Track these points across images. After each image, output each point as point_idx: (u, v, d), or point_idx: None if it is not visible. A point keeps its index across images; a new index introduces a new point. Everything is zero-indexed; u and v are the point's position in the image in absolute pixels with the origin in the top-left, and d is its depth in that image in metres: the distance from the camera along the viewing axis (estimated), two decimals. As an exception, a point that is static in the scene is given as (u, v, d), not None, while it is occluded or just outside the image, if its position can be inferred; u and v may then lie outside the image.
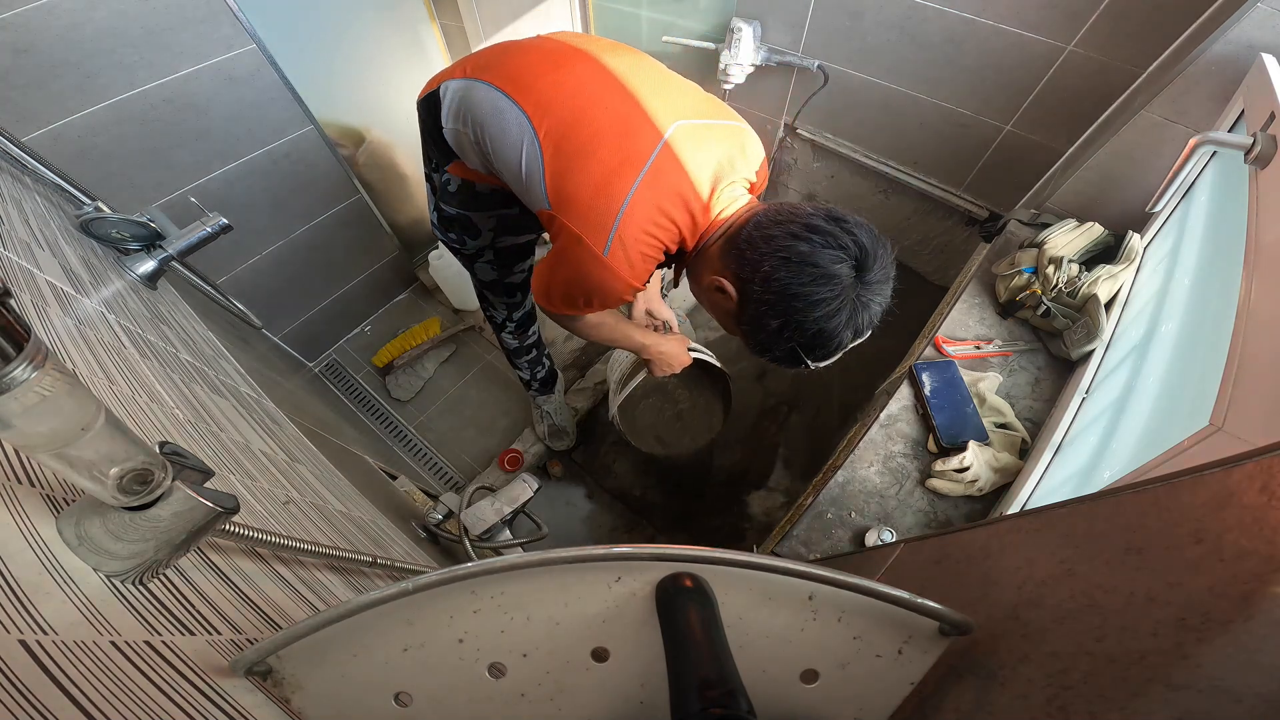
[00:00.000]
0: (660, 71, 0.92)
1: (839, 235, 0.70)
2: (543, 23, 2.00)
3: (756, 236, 0.74)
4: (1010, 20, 1.32)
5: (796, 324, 0.73)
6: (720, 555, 0.39)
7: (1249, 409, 0.54)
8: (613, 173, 0.78)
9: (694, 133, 0.83)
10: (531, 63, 0.89)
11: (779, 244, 0.72)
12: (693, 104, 0.88)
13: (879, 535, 0.94)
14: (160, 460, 0.34)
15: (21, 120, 0.99)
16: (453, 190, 1.08)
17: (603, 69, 0.86)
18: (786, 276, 0.71)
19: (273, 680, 0.38)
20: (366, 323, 2.13)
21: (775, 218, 0.74)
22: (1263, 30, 0.88)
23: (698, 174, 0.81)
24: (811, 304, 0.71)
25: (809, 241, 0.70)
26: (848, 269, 0.71)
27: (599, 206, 0.78)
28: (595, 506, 1.78)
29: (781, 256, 0.71)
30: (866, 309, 0.73)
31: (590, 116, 0.81)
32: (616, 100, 0.83)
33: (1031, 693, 0.33)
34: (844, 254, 0.70)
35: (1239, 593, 0.26)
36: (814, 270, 0.70)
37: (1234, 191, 0.83)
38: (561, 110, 0.82)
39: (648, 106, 0.82)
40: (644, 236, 0.80)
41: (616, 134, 0.80)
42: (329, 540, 0.70)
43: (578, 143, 0.80)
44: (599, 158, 0.79)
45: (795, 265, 0.70)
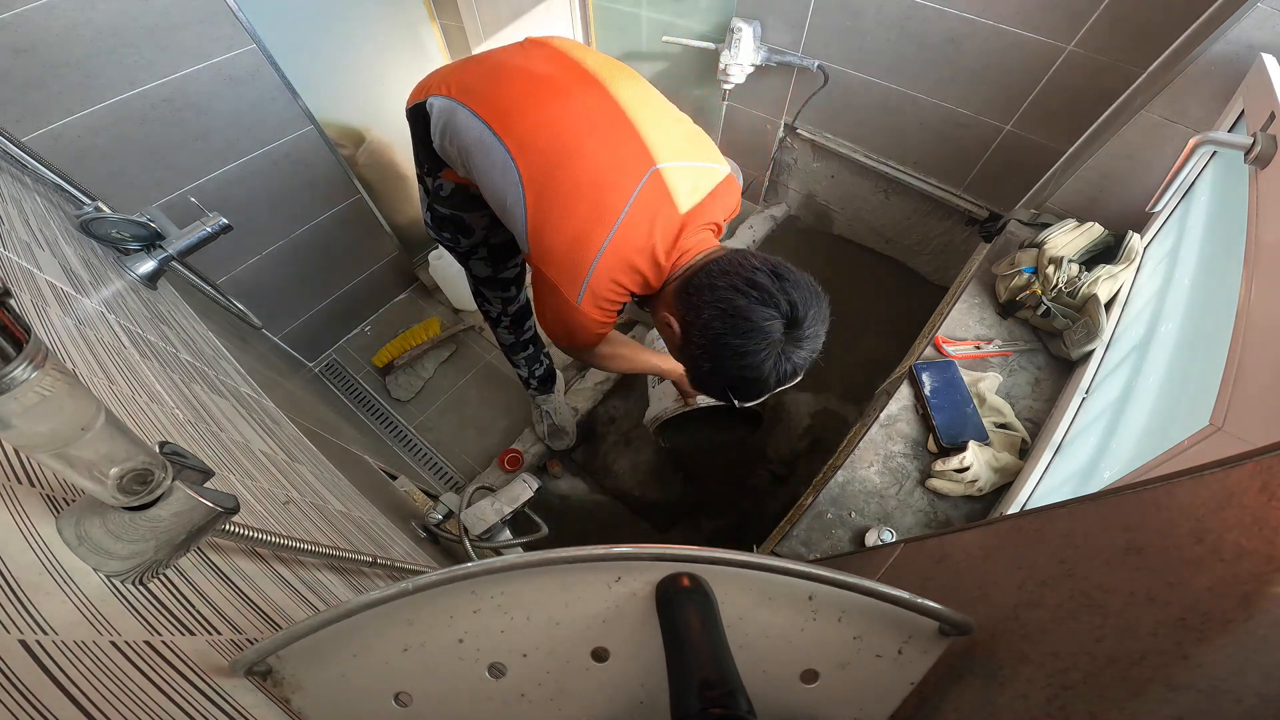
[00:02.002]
0: (644, 104, 0.93)
1: (774, 293, 0.76)
2: (543, 23, 2.00)
3: (704, 284, 0.79)
4: (1010, 20, 1.32)
5: (724, 370, 0.79)
6: (720, 555, 0.39)
7: (1249, 409, 0.54)
8: (587, 229, 0.83)
9: (670, 178, 0.86)
10: (515, 94, 0.90)
11: (720, 295, 0.77)
12: (674, 144, 0.90)
13: (879, 535, 0.94)
14: (160, 460, 0.34)
15: (21, 120, 0.99)
16: (446, 194, 1.09)
17: (585, 107, 0.88)
18: (721, 327, 0.77)
19: (273, 680, 0.38)
20: (366, 323, 2.13)
21: (724, 267, 0.80)
22: (1263, 30, 0.88)
23: (667, 224, 0.85)
24: (739, 354, 0.77)
25: (746, 296, 0.76)
26: (778, 325, 0.76)
27: (573, 260, 0.84)
28: (595, 506, 1.78)
29: (719, 308, 0.77)
30: (790, 361, 0.79)
31: (570, 166, 0.84)
32: (596, 144, 0.85)
33: (1031, 693, 0.33)
34: (776, 311, 0.76)
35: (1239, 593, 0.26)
36: (745, 324, 0.76)
37: (1234, 191, 0.83)
38: (543, 155, 0.86)
39: (627, 151, 0.86)
40: (613, 286, 0.86)
41: (593, 186, 0.84)
42: (329, 540, 0.70)
43: (557, 194, 0.84)
44: (575, 213, 0.84)
45: (729, 318, 0.76)
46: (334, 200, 1.67)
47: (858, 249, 2.21)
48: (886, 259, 2.16)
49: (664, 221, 0.85)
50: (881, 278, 2.13)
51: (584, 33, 2.16)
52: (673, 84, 2.15)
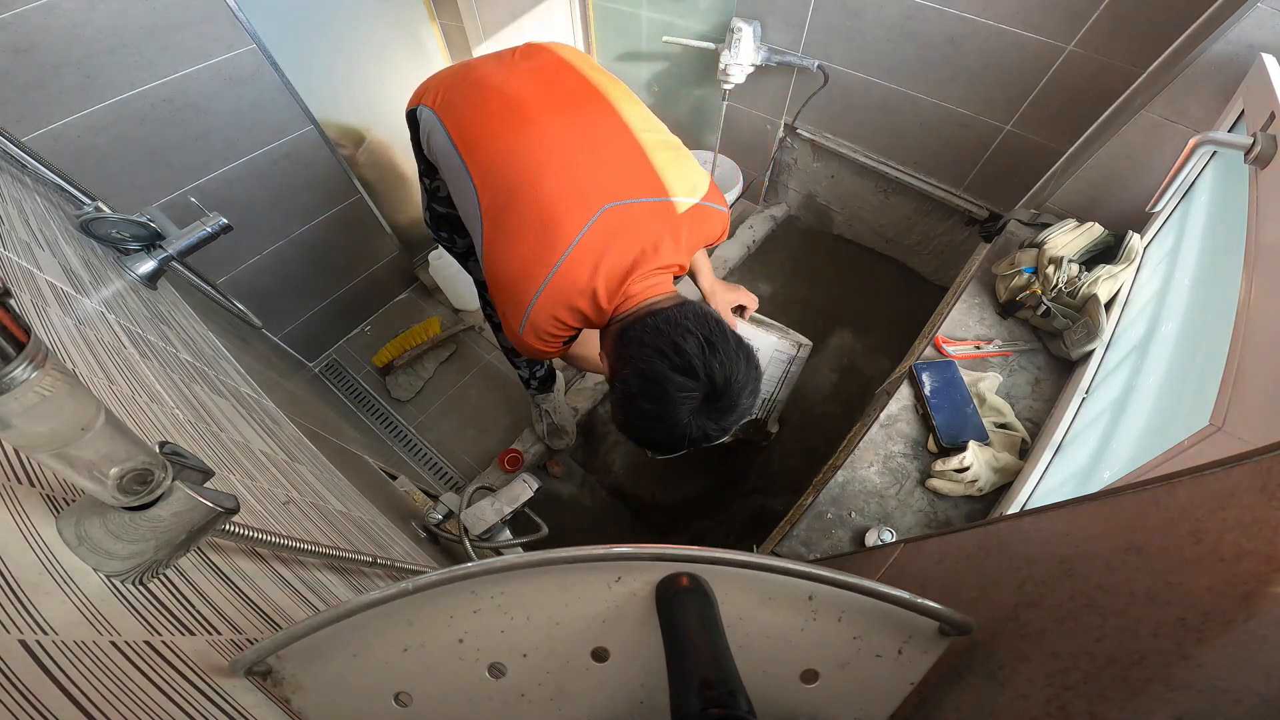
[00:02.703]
0: (615, 133, 0.91)
1: (696, 365, 0.75)
2: (542, 23, 2.00)
3: (633, 339, 0.80)
4: (1010, 20, 1.32)
5: (635, 425, 0.81)
6: (720, 555, 0.39)
7: (1249, 409, 0.54)
8: (530, 265, 0.84)
9: (620, 217, 0.84)
10: (484, 119, 0.91)
11: (643, 354, 0.77)
12: (638, 178, 0.88)
13: (879, 535, 0.94)
14: (160, 460, 0.34)
15: (21, 120, 0.99)
16: (442, 195, 1.11)
17: (548, 138, 0.87)
18: (636, 387, 0.77)
19: (273, 680, 0.38)
20: (366, 323, 2.13)
21: (657, 326, 0.79)
22: (1263, 30, 0.88)
23: (613, 267, 0.84)
24: (649, 416, 0.77)
25: (668, 361, 0.76)
26: (694, 396, 0.76)
27: (516, 293, 0.85)
28: (595, 506, 1.78)
29: (640, 367, 0.77)
30: (704, 431, 0.78)
31: (523, 200, 0.85)
32: (551, 179, 0.85)
33: (1031, 693, 0.33)
34: (695, 384, 0.75)
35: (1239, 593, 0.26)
36: (659, 390, 0.76)
37: (1234, 191, 0.83)
38: (501, 186, 0.87)
39: (582, 187, 0.84)
40: (551, 322, 0.86)
41: (540, 223, 0.83)
42: (329, 540, 0.70)
43: (508, 227, 0.86)
44: (521, 247, 0.85)
45: (646, 380, 0.77)
46: (334, 200, 1.67)
47: (858, 249, 2.22)
48: (886, 259, 2.16)
49: (610, 263, 0.84)
50: (881, 278, 2.13)
51: (584, 33, 2.16)
52: (673, 84, 2.15)
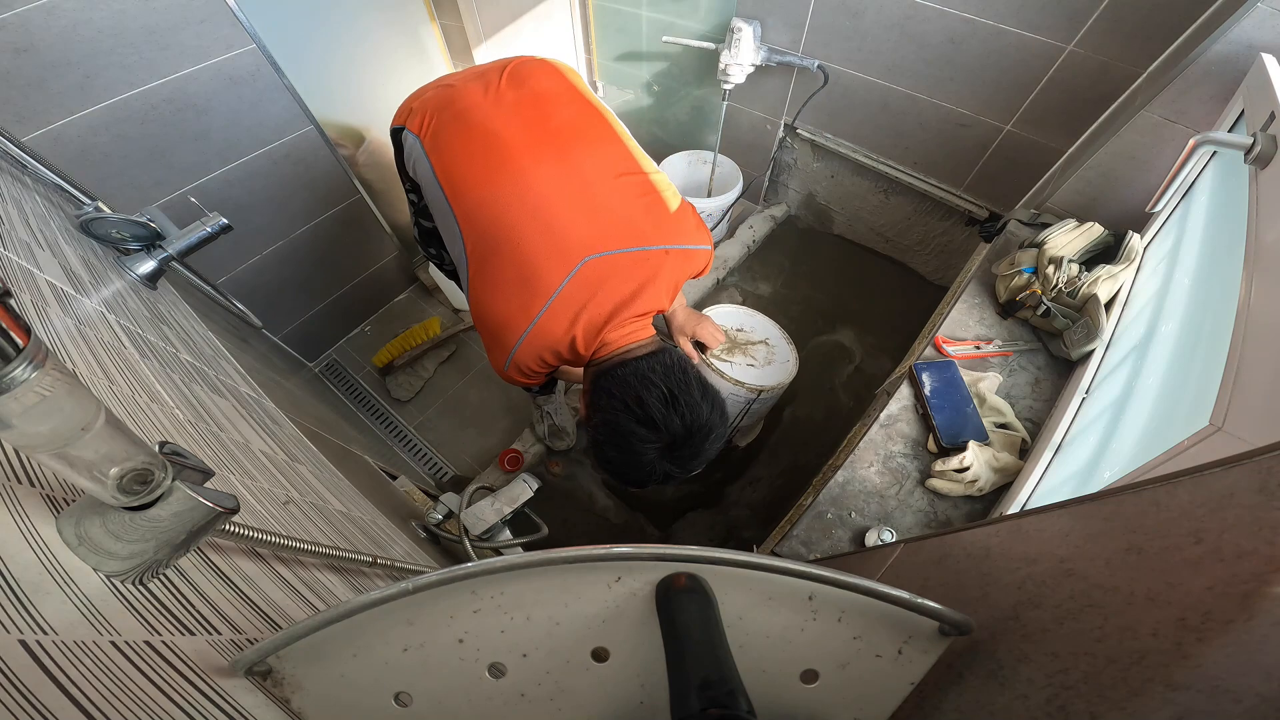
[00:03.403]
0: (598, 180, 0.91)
1: (657, 423, 0.80)
2: (542, 23, 2.00)
3: (604, 388, 0.85)
4: (1010, 20, 1.32)
5: (603, 465, 0.87)
6: (720, 555, 0.39)
7: (1249, 409, 0.54)
8: (511, 316, 0.88)
9: (600, 270, 0.87)
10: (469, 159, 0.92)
11: (611, 404, 0.83)
12: (622, 226, 0.89)
13: (879, 535, 0.94)
14: (160, 460, 0.34)
15: (21, 120, 0.99)
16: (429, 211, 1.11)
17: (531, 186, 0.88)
18: (603, 436, 0.84)
19: (273, 680, 0.38)
20: (366, 323, 2.13)
21: (625, 377, 0.83)
22: (1263, 30, 0.88)
23: (591, 318, 0.88)
24: (615, 461, 0.84)
25: (632, 414, 0.81)
26: (656, 447, 0.82)
27: (500, 338, 0.90)
28: (595, 506, 1.78)
29: (606, 419, 0.83)
30: (669, 471, 0.85)
31: (505, 252, 0.87)
32: (533, 232, 0.86)
33: (1031, 693, 0.33)
34: (656, 437, 0.81)
35: (1239, 593, 0.26)
36: (622, 441, 0.82)
37: (1234, 191, 0.83)
38: (485, 234, 0.89)
39: (562, 237, 0.86)
40: (535, 361, 0.92)
41: (521, 278, 0.87)
42: (329, 540, 0.70)
43: (492, 276, 0.89)
44: (504, 299, 0.89)
45: (611, 430, 0.83)
46: (334, 200, 1.67)
47: (858, 249, 2.22)
48: (886, 259, 2.16)
49: (588, 315, 0.87)
50: (881, 278, 2.13)
51: (584, 33, 2.16)
52: (673, 84, 2.15)
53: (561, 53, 2.19)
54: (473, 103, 0.96)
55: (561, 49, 2.17)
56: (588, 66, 2.30)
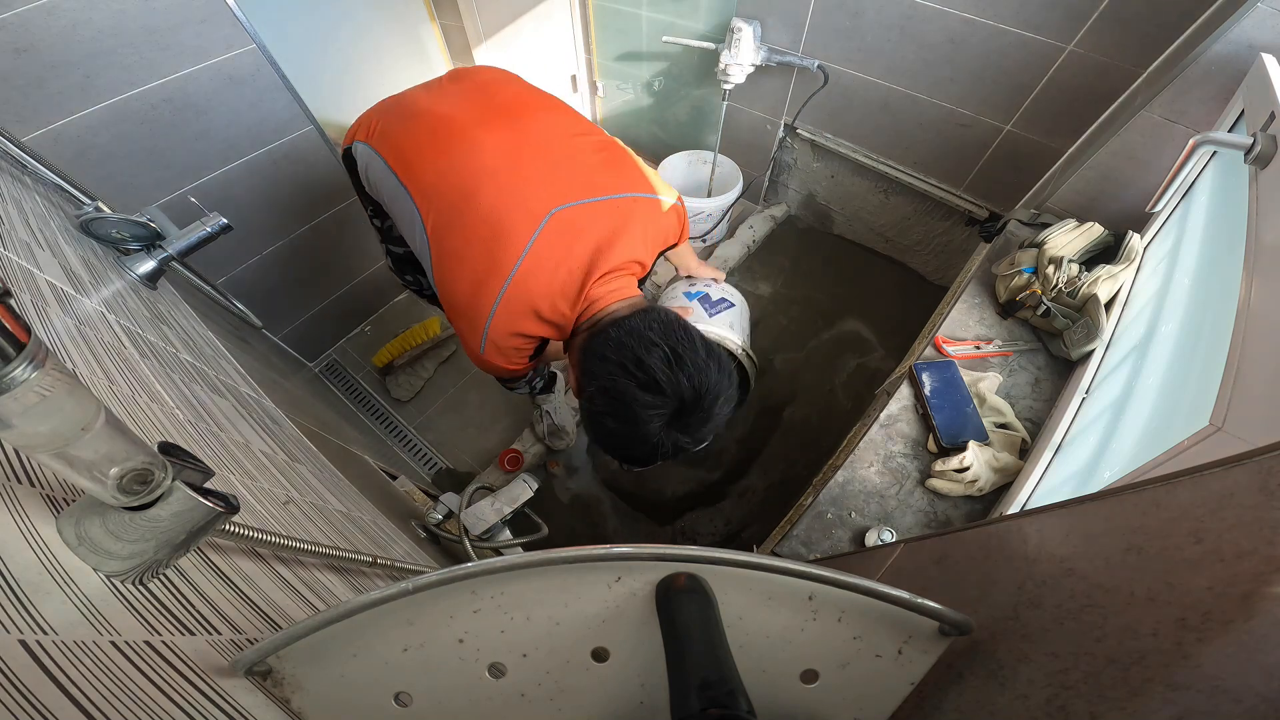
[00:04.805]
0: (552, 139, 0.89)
1: (662, 382, 0.71)
2: (542, 23, 2.00)
3: (597, 353, 0.76)
4: (1010, 20, 1.32)
5: (604, 443, 0.79)
6: (720, 555, 0.39)
7: (1249, 409, 0.54)
8: (480, 282, 0.80)
9: (570, 220, 0.82)
10: (419, 141, 0.89)
11: (607, 370, 0.74)
12: (583, 178, 0.86)
13: (879, 535, 0.94)
14: (160, 460, 0.34)
15: (21, 120, 0.99)
16: (396, 234, 1.08)
17: (485, 150, 0.85)
18: (602, 405, 0.74)
19: (273, 680, 0.38)
20: (366, 323, 2.13)
21: (620, 339, 0.75)
22: (1263, 30, 0.88)
23: (569, 270, 0.82)
24: (617, 434, 0.75)
25: (633, 379, 0.72)
26: (662, 414, 0.72)
27: (470, 314, 0.83)
28: (596, 505, 1.78)
29: (604, 386, 0.74)
30: (678, 442, 0.75)
31: (467, 215, 0.82)
32: (493, 190, 0.82)
33: (1031, 693, 0.33)
34: (663, 400, 0.72)
35: (1239, 593, 0.26)
36: (624, 409, 0.72)
37: (1234, 191, 0.83)
38: (443, 204, 0.84)
39: (524, 195, 0.82)
40: (511, 338, 0.84)
41: (488, 236, 0.81)
42: (329, 540, 0.70)
43: (455, 245, 0.83)
44: (471, 263, 0.81)
45: (611, 398, 0.73)
46: (334, 200, 1.66)
47: (858, 249, 2.22)
48: (886, 259, 2.16)
49: (567, 267, 0.81)
50: (881, 278, 2.13)
51: (584, 33, 2.16)
52: (673, 84, 2.15)
53: (561, 53, 2.19)
54: (416, 97, 0.98)
55: (561, 49, 2.17)
56: (588, 66, 2.30)
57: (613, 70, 2.26)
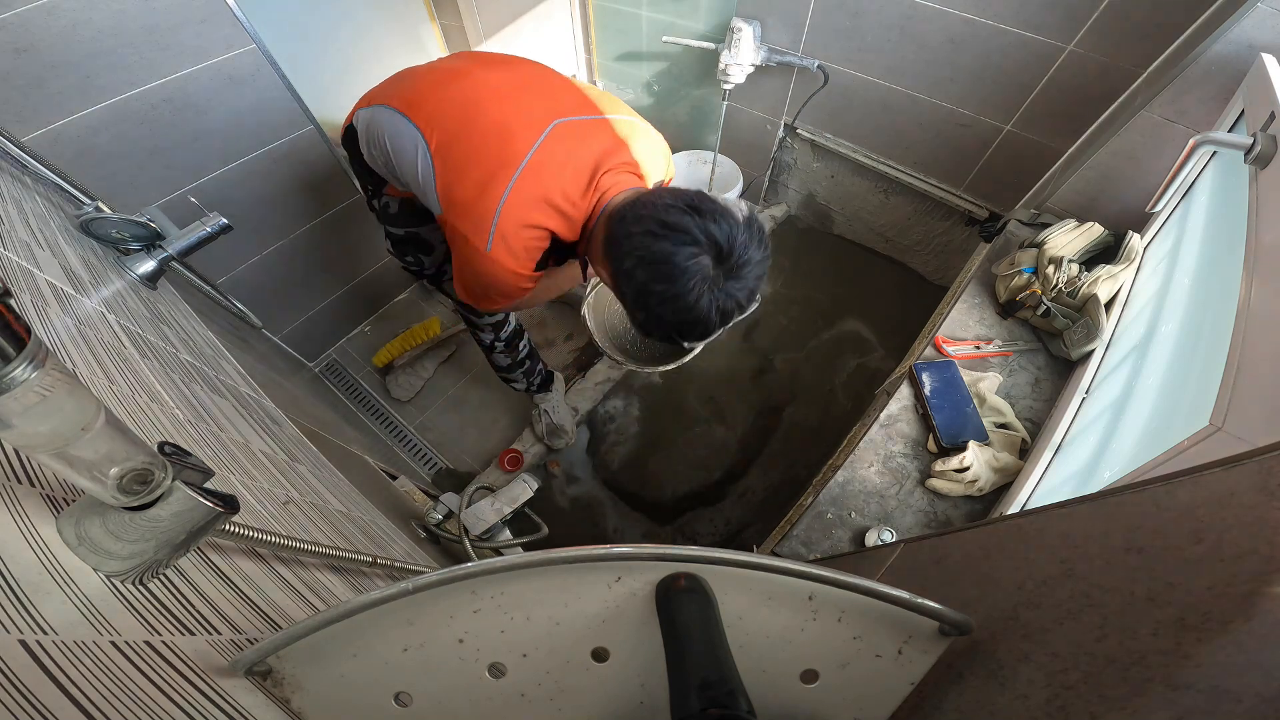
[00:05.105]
0: (545, 76, 0.97)
1: (692, 230, 0.71)
2: (542, 23, 1.99)
3: (621, 233, 0.77)
4: (1010, 20, 1.32)
5: (659, 317, 0.76)
6: (720, 555, 0.39)
7: (1249, 409, 0.54)
8: (491, 176, 0.83)
9: (572, 129, 0.87)
10: (425, 84, 0.95)
11: (637, 242, 0.74)
12: (575, 102, 0.92)
13: (879, 535, 0.94)
14: (160, 460, 0.34)
15: (21, 120, 0.99)
16: (394, 211, 1.12)
17: (487, 81, 0.91)
18: (644, 275, 0.74)
19: (273, 680, 0.38)
20: (366, 323, 2.13)
21: (638, 212, 0.76)
22: (1263, 30, 0.88)
23: (576, 166, 0.85)
24: (667, 299, 0.73)
25: (664, 239, 0.72)
26: (704, 261, 0.72)
27: (480, 206, 0.83)
28: (596, 505, 1.78)
29: (638, 255, 0.74)
30: (731, 296, 0.75)
31: (473, 126, 0.86)
32: (497, 107, 0.87)
33: (1031, 693, 0.33)
34: (698, 249, 0.72)
35: (1239, 593, 0.26)
36: (667, 268, 0.72)
37: (1234, 191, 0.83)
38: (448, 122, 0.88)
39: (527, 110, 0.87)
40: (523, 229, 0.84)
41: (496, 139, 0.85)
42: (329, 540, 0.70)
43: (462, 152, 0.86)
44: (480, 163, 0.84)
45: (650, 264, 0.73)
46: (334, 200, 1.66)
47: (858, 249, 2.22)
48: (886, 259, 2.16)
49: (574, 162, 0.85)
50: (881, 278, 2.13)
51: (584, 33, 2.16)
52: (673, 84, 2.15)
53: (561, 53, 2.19)
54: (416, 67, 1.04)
55: (561, 49, 2.17)
56: (588, 66, 2.30)
57: (613, 70, 2.25)
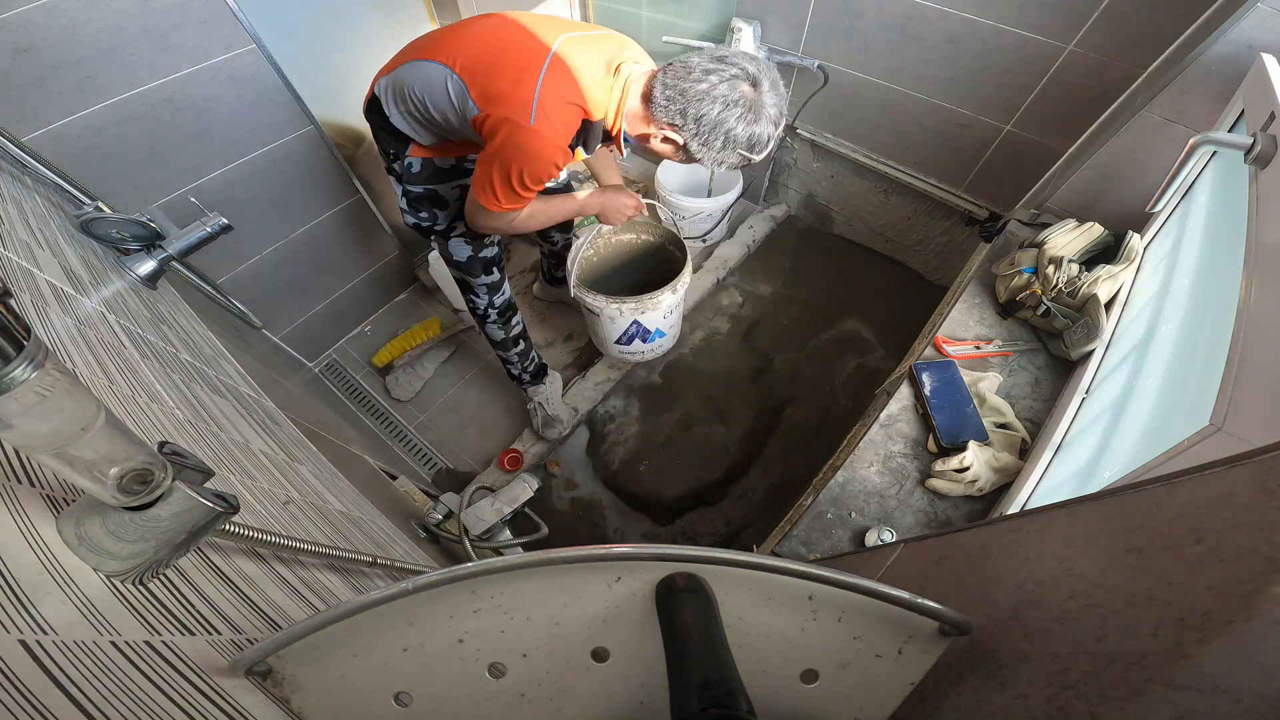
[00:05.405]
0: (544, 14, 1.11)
1: (729, 68, 0.93)
2: (543, 23, 1.99)
3: (674, 94, 0.96)
4: (1010, 20, 1.32)
5: (734, 138, 0.97)
6: (720, 555, 0.39)
7: (1249, 409, 0.54)
8: (522, 71, 0.98)
9: (579, 41, 1.03)
10: (437, 36, 1.09)
11: (697, 90, 0.94)
12: (575, 25, 1.08)
13: (879, 535, 0.94)
14: (160, 460, 0.34)
15: (21, 120, 0.99)
16: (416, 170, 1.20)
17: (493, 20, 1.07)
18: (714, 111, 0.94)
19: (273, 680, 0.38)
20: (366, 323, 2.13)
21: (680, 75, 0.96)
22: (1263, 30, 0.88)
23: (592, 60, 1.02)
24: (740, 119, 0.95)
25: (715, 82, 0.93)
26: (747, 88, 0.94)
27: (520, 90, 0.97)
28: (596, 505, 1.78)
29: (708, 99, 0.94)
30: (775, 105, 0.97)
31: (491, 48, 1.02)
32: (509, 32, 1.04)
33: (1031, 693, 0.33)
34: (741, 77, 0.94)
35: (1239, 593, 0.26)
36: (727, 98, 0.94)
37: (1234, 191, 0.83)
38: (468, 49, 1.02)
39: (536, 31, 1.03)
40: (562, 105, 0.99)
41: (516, 50, 1.01)
42: (329, 540, 0.70)
43: (488, 64, 1.01)
44: (508, 67, 0.99)
45: (714, 100, 0.94)
46: (334, 200, 1.67)
47: (858, 249, 2.22)
48: (886, 259, 2.16)
49: (590, 57, 1.02)
50: (881, 278, 2.13)
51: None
52: (673, 84, 2.15)
53: (561, 53, 2.19)
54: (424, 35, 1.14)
55: (561, 49, 2.17)
56: (588, 66, 2.30)
57: (613, 70, 2.25)
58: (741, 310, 2.12)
